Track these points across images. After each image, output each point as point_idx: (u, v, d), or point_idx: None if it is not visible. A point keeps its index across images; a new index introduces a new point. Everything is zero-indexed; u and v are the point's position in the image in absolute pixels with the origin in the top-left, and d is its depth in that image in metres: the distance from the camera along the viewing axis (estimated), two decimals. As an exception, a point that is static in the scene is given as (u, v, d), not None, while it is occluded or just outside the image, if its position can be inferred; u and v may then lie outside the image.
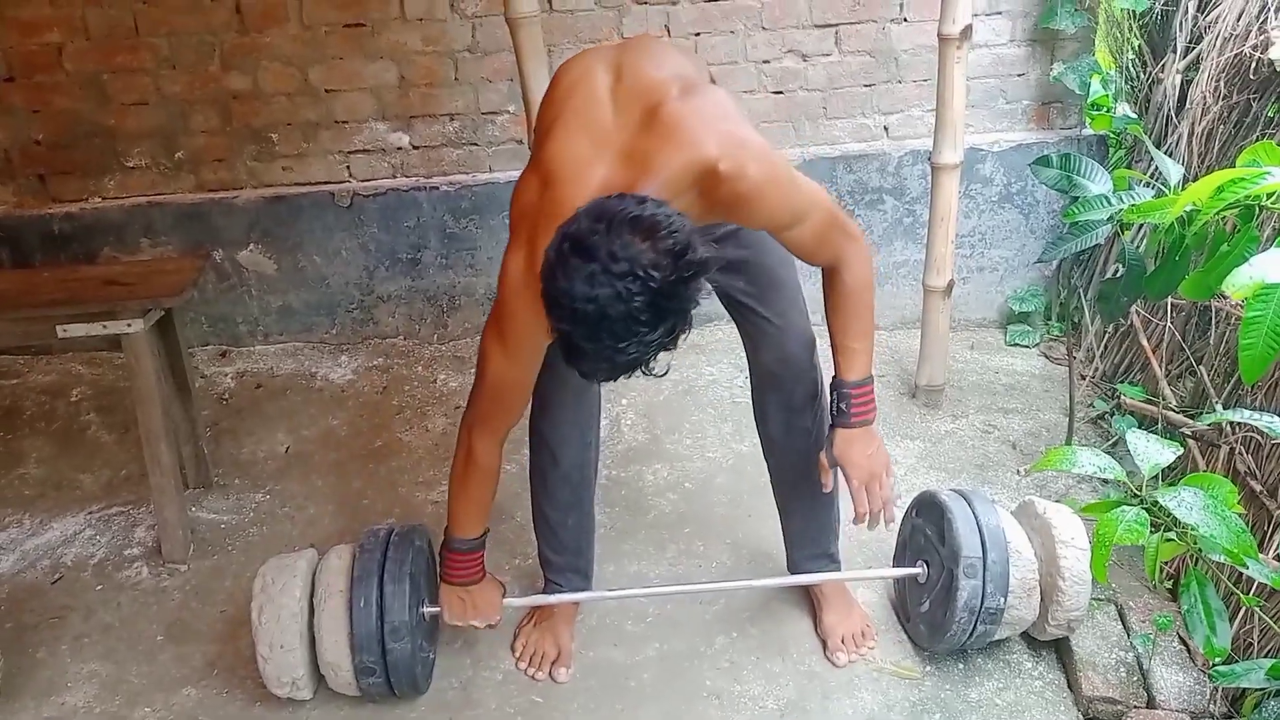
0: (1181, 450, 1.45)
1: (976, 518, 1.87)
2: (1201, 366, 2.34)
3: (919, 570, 1.97)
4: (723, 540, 2.34)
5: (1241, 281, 1.24)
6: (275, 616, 1.82)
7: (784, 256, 1.78)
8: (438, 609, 1.89)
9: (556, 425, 1.90)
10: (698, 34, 2.98)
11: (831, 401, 1.79)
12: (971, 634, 1.87)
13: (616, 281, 1.23)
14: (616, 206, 1.27)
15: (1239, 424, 2.03)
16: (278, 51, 2.96)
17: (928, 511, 1.98)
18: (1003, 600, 1.83)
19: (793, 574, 2.12)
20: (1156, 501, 1.39)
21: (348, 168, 3.12)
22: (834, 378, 1.77)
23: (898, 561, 2.09)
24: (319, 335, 3.26)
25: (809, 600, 2.13)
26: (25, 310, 2.19)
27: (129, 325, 2.18)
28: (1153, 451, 1.40)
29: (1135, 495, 1.49)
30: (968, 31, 2.49)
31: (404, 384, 3.05)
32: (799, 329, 1.85)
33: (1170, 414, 2.31)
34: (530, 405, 1.89)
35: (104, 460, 2.73)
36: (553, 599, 2.02)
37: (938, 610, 1.90)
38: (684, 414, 2.84)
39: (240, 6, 2.91)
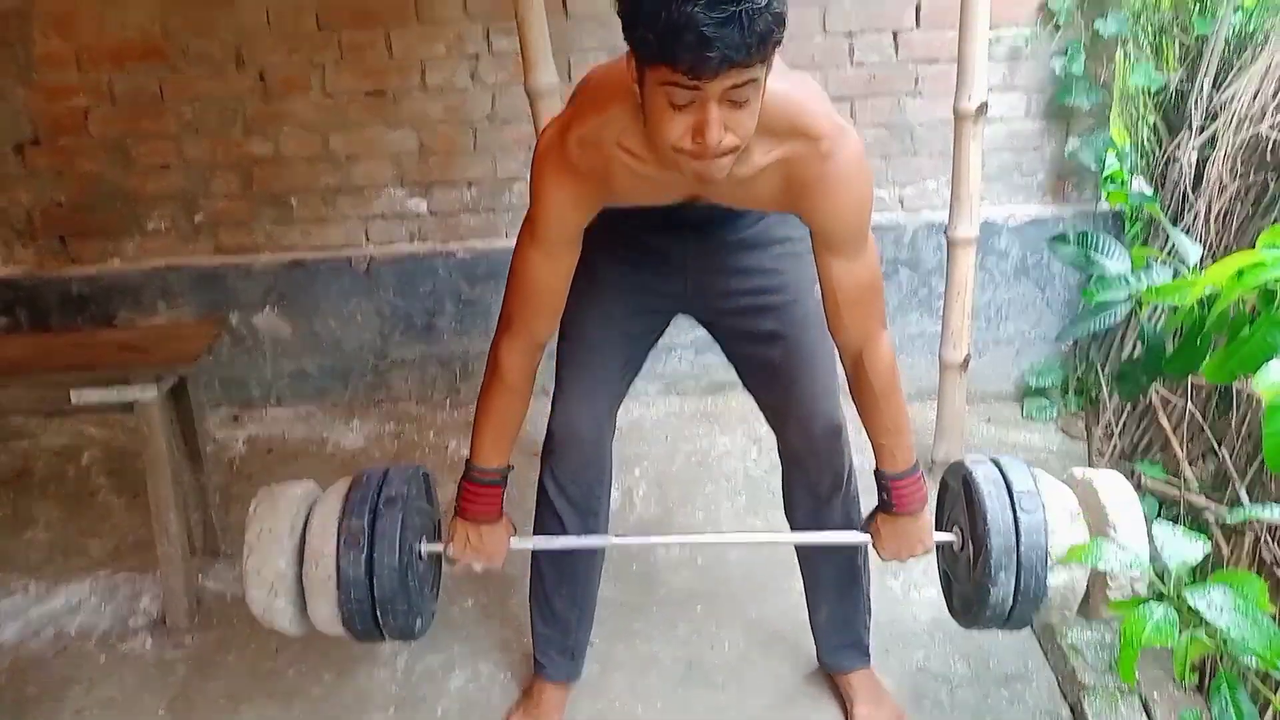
0: (1208, 544, 1.41)
1: (1008, 482, 1.69)
2: (1223, 448, 2.30)
3: (953, 537, 1.77)
4: (736, 619, 2.29)
5: (1271, 380, 1.21)
6: (272, 505, 1.71)
7: (822, 334, 1.74)
8: (437, 546, 1.76)
9: (568, 469, 1.83)
10: (714, 106, 3.00)
11: (878, 489, 1.72)
12: (1012, 612, 1.68)
13: None
14: None
15: (1264, 510, 1.99)
16: (300, 118, 3.00)
17: (959, 483, 1.79)
18: (1044, 581, 1.65)
19: (823, 665, 2.05)
20: (1184, 597, 1.36)
21: (366, 233, 3.15)
22: (875, 468, 1.71)
23: (937, 519, 1.88)
24: (331, 399, 3.26)
25: (833, 693, 2.06)
26: (40, 375, 2.20)
27: (142, 392, 2.18)
28: (1180, 547, 1.37)
29: (1162, 587, 1.45)
30: (983, 108, 2.50)
31: (415, 450, 3.04)
32: (826, 413, 1.78)
33: (1192, 497, 2.26)
34: (543, 450, 1.85)
35: (112, 525, 2.71)
36: (557, 543, 1.86)
37: (979, 580, 1.70)
38: (697, 486, 2.81)
39: (264, 74, 2.95)
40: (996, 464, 1.73)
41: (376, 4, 2.90)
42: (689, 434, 3.07)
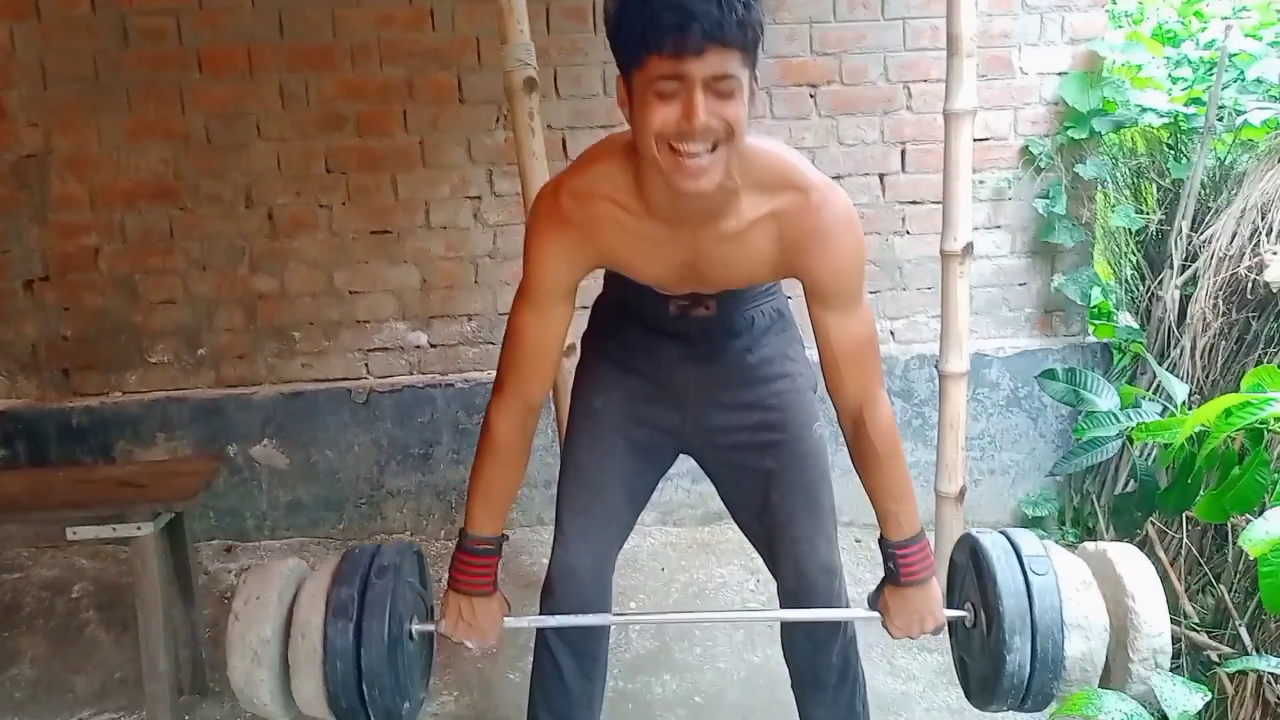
0: (1209, 694, 1.40)
1: (1016, 548, 1.66)
2: (1221, 585, 2.30)
3: (965, 613, 1.72)
4: (735, 762, 2.24)
5: (1257, 537, 1.23)
6: (262, 575, 1.68)
7: (822, 476, 1.75)
8: (429, 626, 1.72)
9: (567, 612, 1.76)
10: (709, 243, 3.10)
11: (884, 560, 1.68)
12: (1030, 684, 1.61)
13: None
14: None
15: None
16: (305, 255, 3.08)
17: (967, 556, 1.76)
18: (1060, 646, 1.60)
19: None
20: (1188, 748, 1.34)
21: (366, 365, 3.19)
22: (880, 537, 1.67)
23: (947, 599, 1.83)
24: (325, 530, 3.24)
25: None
26: (37, 513, 2.20)
27: (138, 528, 2.18)
28: (1181, 697, 1.36)
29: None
30: (969, 248, 2.58)
31: (410, 582, 3.00)
32: (823, 555, 1.74)
33: (1193, 634, 2.25)
34: (542, 592, 1.80)
35: (99, 660, 2.66)
36: (553, 622, 1.77)
37: (993, 653, 1.65)
38: (694, 620, 2.78)
39: (273, 214, 3.05)
40: (1004, 534, 1.71)
41: (384, 150, 3.02)
42: (685, 565, 3.05)
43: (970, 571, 1.72)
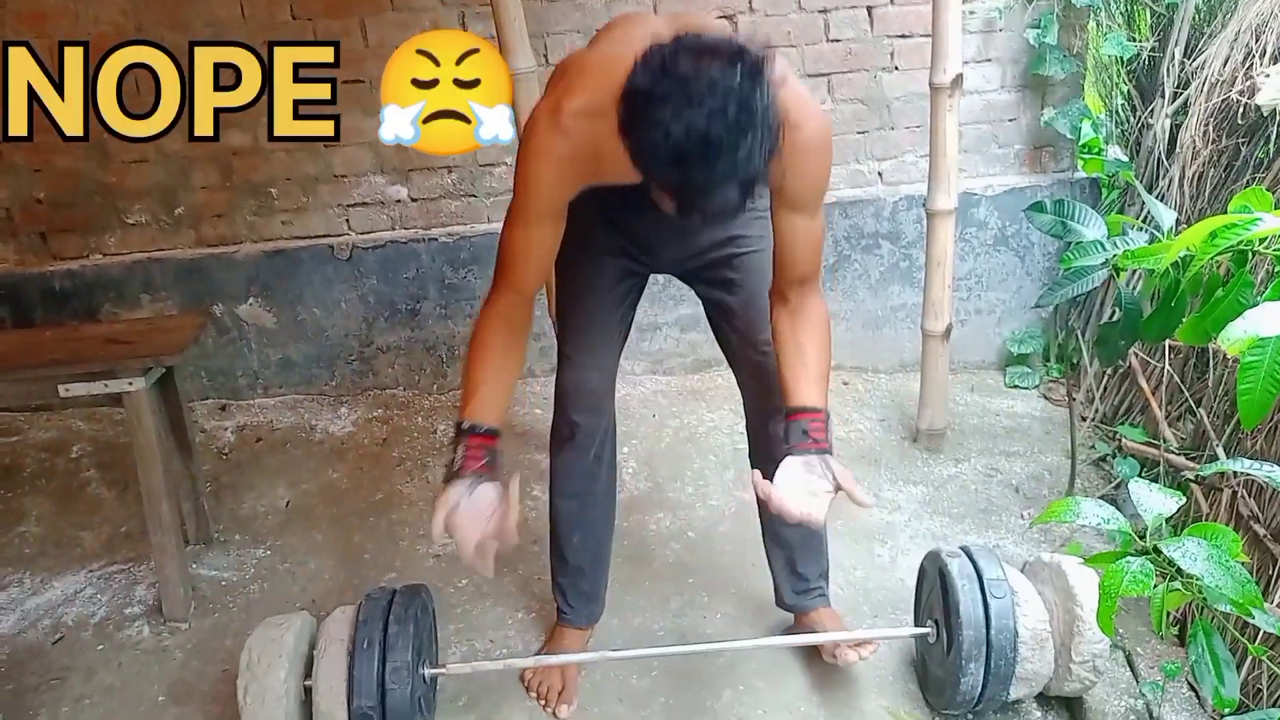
0: (1184, 499, 1.45)
1: (980, 579, 1.84)
2: (1201, 409, 2.34)
3: (928, 630, 1.93)
4: (727, 591, 2.33)
5: (1235, 335, 1.24)
6: (266, 647, 1.81)
7: (766, 278, 1.83)
8: (441, 669, 1.89)
9: (580, 415, 1.93)
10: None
11: (783, 429, 1.68)
12: (982, 695, 1.84)
13: (702, 103, 1.24)
14: (661, 51, 1.29)
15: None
16: (277, 108, 2.99)
17: (933, 571, 1.95)
18: (1012, 661, 1.81)
19: (779, 605, 2.13)
20: (1160, 549, 1.39)
21: (347, 220, 3.15)
22: (786, 405, 1.68)
23: (917, 616, 2.06)
24: (318, 387, 3.26)
25: (820, 655, 2.10)
26: (28, 370, 2.20)
27: (130, 384, 2.19)
28: (1155, 501, 1.40)
29: (1140, 542, 1.49)
30: (959, 80, 2.53)
31: (404, 435, 3.05)
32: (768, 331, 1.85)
33: (1171, 457, 2.31)
34: (555, 405, 1.94)
35: (104, 517, 2.72)
36: (552, 660, 2.01)
37: (950, 670, 1.86)
38: (685, 461, 2.83)
39: (240, 64, 2.94)
40: (968, 554, 1.90)
41: (351, -9, 2.90)
42: (676, 411, 3.10)
43: (938, 588, 1.90)
